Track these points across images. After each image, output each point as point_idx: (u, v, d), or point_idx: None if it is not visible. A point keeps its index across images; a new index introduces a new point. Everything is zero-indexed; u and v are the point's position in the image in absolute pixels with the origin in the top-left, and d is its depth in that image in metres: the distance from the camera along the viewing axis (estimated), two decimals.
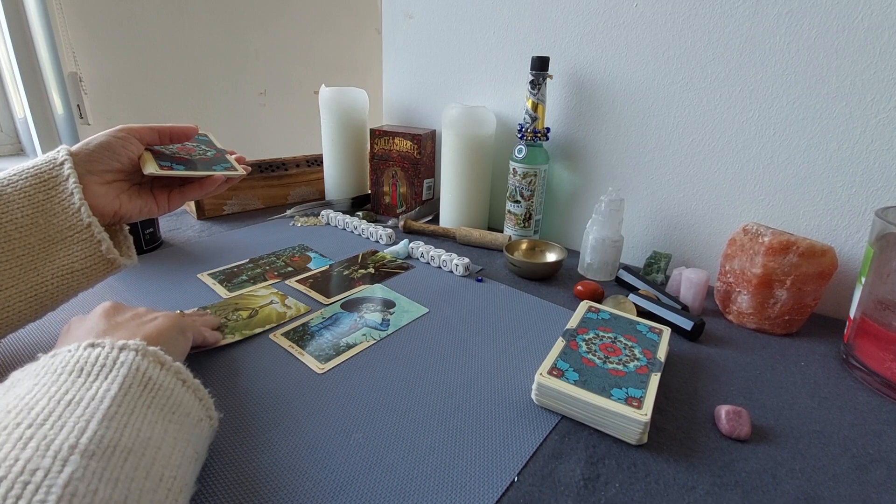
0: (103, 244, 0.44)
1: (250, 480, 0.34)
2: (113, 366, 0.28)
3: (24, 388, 0.26)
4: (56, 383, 0.26)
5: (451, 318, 0.57)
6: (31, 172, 0.42)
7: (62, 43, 1.07)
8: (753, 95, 0.61)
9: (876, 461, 0.39)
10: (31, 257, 0.41)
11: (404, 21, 0.93)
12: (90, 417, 0.23)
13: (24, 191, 0.41)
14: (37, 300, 0.42)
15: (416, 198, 0.89)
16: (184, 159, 0.53)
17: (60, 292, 0.43)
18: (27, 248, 0.41)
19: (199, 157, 0.55)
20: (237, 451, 0.36)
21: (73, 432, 0.22)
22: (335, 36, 1.60)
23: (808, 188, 0.60)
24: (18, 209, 0.41)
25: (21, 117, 1.14)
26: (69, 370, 0.27)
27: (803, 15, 0.56)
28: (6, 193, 0.41)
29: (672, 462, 0.37)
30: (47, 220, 0.42)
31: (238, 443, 0.37)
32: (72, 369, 0.27)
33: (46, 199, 0.42)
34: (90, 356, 0.29)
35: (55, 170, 0.43)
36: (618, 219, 0.67)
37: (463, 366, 0.48)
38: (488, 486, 0.34)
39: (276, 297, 0.59)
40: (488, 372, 0.47)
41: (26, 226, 0.41)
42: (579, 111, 0.75)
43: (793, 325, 0.57)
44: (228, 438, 0.37)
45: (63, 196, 0.42)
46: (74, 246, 0.43)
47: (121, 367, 0.28)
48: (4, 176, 0.42)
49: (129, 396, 0.26)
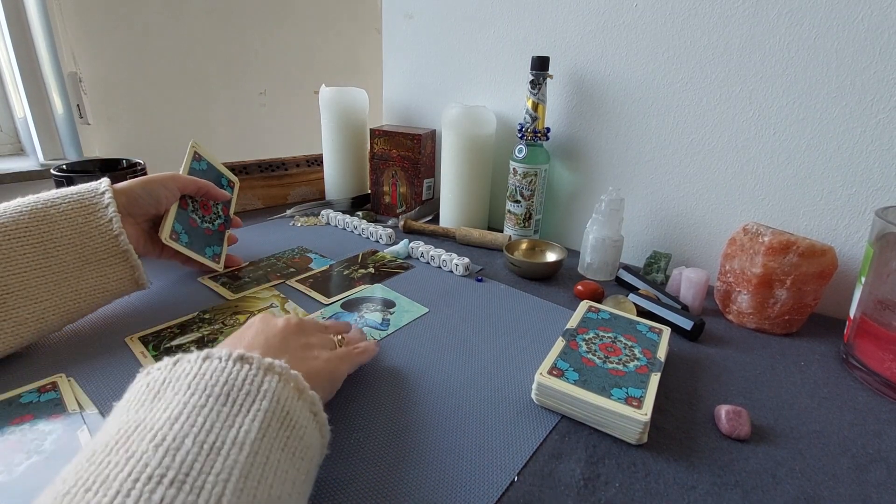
0: (137, 270, 0.50)
1: None
2: (257, 394, 0.28)
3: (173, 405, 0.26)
4: (202, 412, 0.25)
5: (451, 318, 0.57)
6: (73, 197, 0.47)
7: (62, 43, 1.07)
8: (753, 95, 0.61)
9: (876, 461, 0.39)
10: (67, 274, 0.45)
11: (404, 21, 0.93)
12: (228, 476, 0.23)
13: (65, 213, 0.46)
14: (67, 313, 0.46)
15: (416, 198, 0.89)
16: (195, 224, 0.61)
17: (88, 307, 0.48)
18: (63, 266, 0.45)
19: (205, 228, 0.62)
20: None
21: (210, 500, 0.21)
22: (335, 36, 1.60)
23: (808, 188, 0.60)
24: (59, 230, 0.45)
25: (21, 117, 1.14)
26: (216, 394, 0.27)
27: (803, 15, 0.56)
28: (49, 215, 0.45)
29: (672, 462, 0.37)
30: (84, 241, 0.46)
31: None
32: (219, 393, 0.27)
33: (85, 223, 0.46)
34: (238, 376, 0.28)
35: (96, 197, 0.48)
36: (618, 218, 0.67)
37: (463, 365, 0.48)
38: (488, 485, 0.34)
39: (277, 300, 0.59)
40: (488, 372, 0.47)
41: (65, 245, 0.45)
42: (579, 111, 0.75)
43: (793, 325, 0.57)
44: None
45: (101, 221, 0.47)
46: (108, 269, 0.48)
47: (264, 397, 0.28)
48: (49, 198, 0.46)
49: (266, 438, 0.26)
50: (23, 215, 0.44)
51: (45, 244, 0.44)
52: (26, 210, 0.44)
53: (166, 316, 0.54)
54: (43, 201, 0.46)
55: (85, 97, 1.14)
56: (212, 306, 0.56)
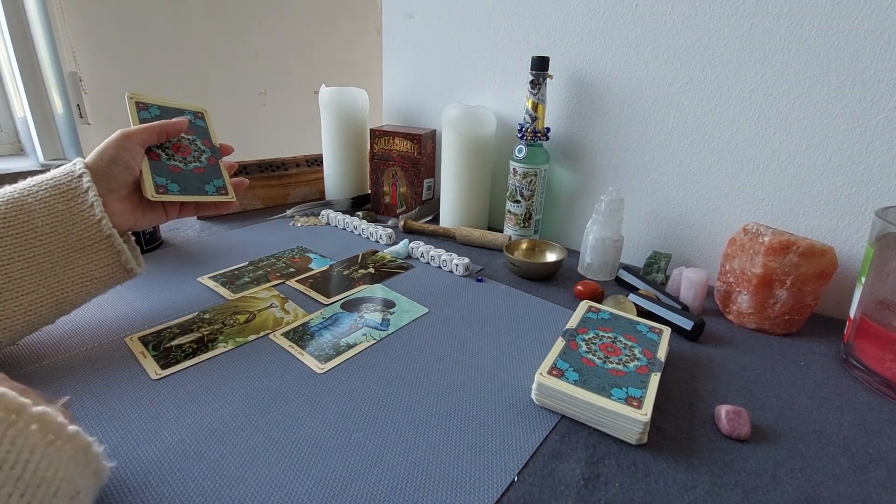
0: (123, 255, 0.47)
1: (251, 479, 0.34)
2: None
3: None
4: None
5: (451, 318, 0.57)
6: (50, 184, 0.44)
7: (62, 43, 1.07)
8: (753, 95, 0.61)
9: (876, 461, 0.39)
10: (52, 264, 0.43)
11: (404, 21, 0.93)
12: None
13: (44, 201, 0.43)
14: (56, 305, 0.44)
15: (416, 198, 0.89)
16: (178, 170, 0.54)
17: (79, 297, 0.46)
18: (48, 256, 0.43)
19: (193, 167, 0.56)
20: (239, 450, 0.36)
21: None
22: (335, 36, 1.60)
23: (808, 188, 0.60)
24: (39, 218, 0.43)
25: (21, 117, 1.14)
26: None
27: (803, 15, 0.56)
28: (27, 204, 0.43)
29: (672, 462, 0.37)
30: (67, 229, 0.44)
31: (239, 442, 0.37)
32: None
33: (66, 210, 0.44)
34: None
35: (73, 182, 0.45)
36: (618, 219, 0.67)
37: (463, 366, 0.48)
38: (488, 485, 0.34)
39: (277, 300, 0.59)
40: (488, 372, 0.47)
41: (47, 234, 0.43)
42: (579, 111, 0.75)
43: (793, 325, 0.57)
44: (230, 438, 0.37)
45: (83, 207, 0.45)
46: (94, 255, 0.46)
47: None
48: (24, 187, 0.44)
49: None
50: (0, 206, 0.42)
51: (27, 234, 0.42)
52: (2, 201, 0.42)
53: (166, 316, 0.54)
54: (20, 190, 0.43)
55: (85, 97, 1.14)
56: (212, 306, 0.56)
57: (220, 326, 0.52)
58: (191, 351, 0.48)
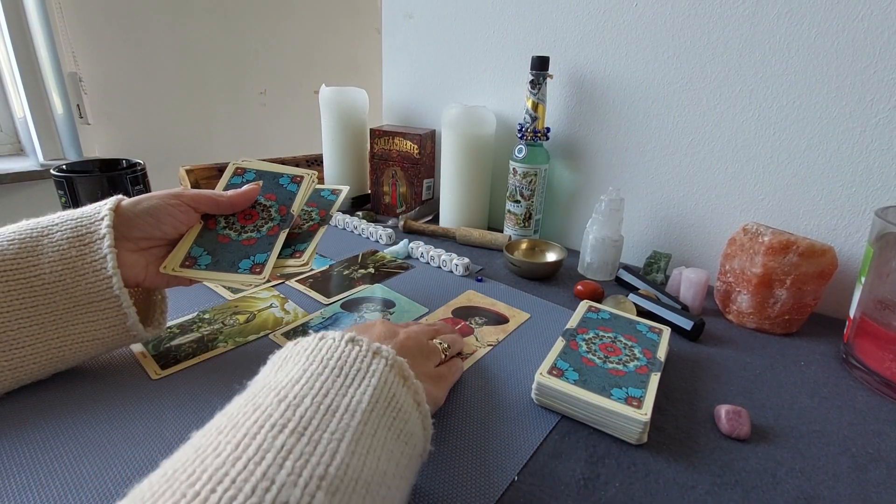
0: (129, 319, 0.42)
1: None
2: (366, 372, 0.30)
3: (294, 371, 0.29)
4: (319, 378, 0.28)
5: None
6: (70, 225, 0.41)
7: (62, 43, 1.07)
8: (753, 95, 0.61)
9: (875, 461, 0.39)
10: (54, 318, 0.39)
11: (404, 21, 0.93)
12: (341, 436, 0.25)
13: (58, 244, 0.40)
14: (50, 362, 0.40)
15: (416, 198, 0.89)
16: (226, 240, 0.48)
17: (76, 357, 0.42)
18: (51, 308, 0.39)
19: (245, 238, 0.49)
20: None
21: (324, 455, 0.23)
22: (335, 36, 1.60)
23: (808, 188, 0.60)
24: (48, 264, 0.39)
25: (21, 117, 1.14)
26: (331, 366, 0.29)
27: (803, 15, 0.56)
28: (41, 245, 0.39)
29: (672, 462, 0.37)
30: (75, 279, 0.40)
31: None
32: (334, 366, 0.29)
33: (78, 257, 0.40)
34: (349, 355, 0.31)
35: (94, 224, 0.41)
36: (618, 218, 0.67)
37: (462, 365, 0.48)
38: (488, 485, 0.34)
39: (277, 300, 0.59)
40: (488, 372, 0.47)
41: (53, 283, 0.39)
42: (579, 111, 0.75)
43: (793, 325, 0.57)
44: None
45: (95, 257, 0.40)
46: (100, 314, 0.41)
47: (372, 375, 0.30)
48: (46, 224, 0.41)
49: (375, 413, 0.28)
50: (12, 244, 0.38)
51: (32, 281, 0.38)
52: (17, 239, 0.39)
53: None
54: (40, 229, 0.40)
55: (85, 97, 1.14)
56: (212, 306, 0.56)
57: (220, 326, 0.52)
58: (191, 351, 0.48)
